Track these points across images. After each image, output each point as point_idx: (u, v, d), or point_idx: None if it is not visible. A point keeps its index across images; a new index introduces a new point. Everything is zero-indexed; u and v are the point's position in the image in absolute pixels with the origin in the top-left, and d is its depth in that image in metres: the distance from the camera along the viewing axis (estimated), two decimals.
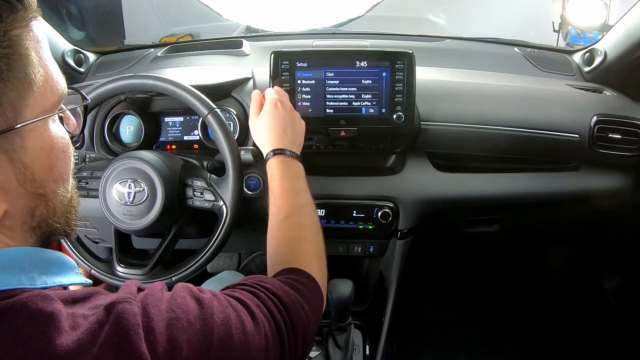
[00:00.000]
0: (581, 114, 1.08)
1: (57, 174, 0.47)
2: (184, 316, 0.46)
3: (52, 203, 0.47)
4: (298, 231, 0.73)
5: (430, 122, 1.05)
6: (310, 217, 0.76)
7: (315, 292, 0.65)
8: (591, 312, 1.56)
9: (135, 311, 0.43)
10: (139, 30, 2.52)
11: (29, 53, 0.42)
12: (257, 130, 0.87)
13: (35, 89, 0.42)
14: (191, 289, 0.52)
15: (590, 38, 1.90)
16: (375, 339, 1.16)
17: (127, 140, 1.10)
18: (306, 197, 0.79)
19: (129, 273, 0.90)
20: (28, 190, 0.44)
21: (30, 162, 0.43)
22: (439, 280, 1.72)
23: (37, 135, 0.44)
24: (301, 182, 0.80)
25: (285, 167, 0.80)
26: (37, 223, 0.46)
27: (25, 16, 0.41)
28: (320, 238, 0.75)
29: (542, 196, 1.11)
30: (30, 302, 0.40)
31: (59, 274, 0.46)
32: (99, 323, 0.41)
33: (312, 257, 0.70)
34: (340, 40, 1.39)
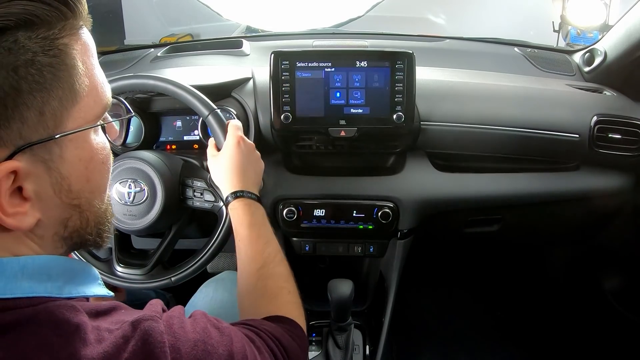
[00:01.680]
0: (581, 114, 1.08)
1: (93, 185, 0.46)
2: (208, 340, 0.47)
3: (86, 214, 0.47)
4: (276, 281, 0.72)
5: (430, 122, 1.05)
6: (283, 265, 0.75)
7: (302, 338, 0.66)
8: (591, 312, 1.56)
9: (161, 329, 0.44)
10: (139, 30, 2.53)
11: (76, 63, 0.41)
12: (217, 170, 0.84)
13: (79, 99, 0.42)
14: (209, 317, 0.53)
15: (590, 38, 1.90)
16: (375, 339, 1.16)
17: (127, 140, 1.09)
18: (275, 244, 0.77)
19: (129, 273, 0.90)
20: (63, 201, 0.43)
21: (67, 173, 0.43)
22: (439, 280, 1.72)
23: (77, 146, 0.43)
24: (268, 228, 0.79)
25: (250, 211, 0.78)
26: (69, 234, 0.46)
27: (75, 24, 0.41)
28: (295, 287, 0.74)
29: (542, 196, 1.11)
30: (57, 311, 0.40)
31: (83, 284, 0.46)
32: (124, 338, 0.41)
33: (294, 307, 0.70)
34: (340, 40, 1.39)
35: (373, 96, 0.98)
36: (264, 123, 1.04)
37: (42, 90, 0.39)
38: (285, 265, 0.76)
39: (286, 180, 1.07)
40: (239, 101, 1.07)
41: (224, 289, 1.03)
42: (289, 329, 0.64)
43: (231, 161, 0.82)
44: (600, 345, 1.48)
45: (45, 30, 0.38)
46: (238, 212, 0.78)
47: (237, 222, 0.78)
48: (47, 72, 0.39)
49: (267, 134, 1.05)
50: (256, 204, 0.80)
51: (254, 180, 0.84)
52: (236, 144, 0.84)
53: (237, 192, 0.80)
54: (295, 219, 1.06)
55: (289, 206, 1.05)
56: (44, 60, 0.38)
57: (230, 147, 0.84)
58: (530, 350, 1.51)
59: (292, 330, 0.64)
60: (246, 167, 0.83)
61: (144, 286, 0.90)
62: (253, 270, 0.73)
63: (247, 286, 0.73)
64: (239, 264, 0.75)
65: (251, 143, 0.87)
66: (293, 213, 1.05)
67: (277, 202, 1.07)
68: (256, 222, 0.78)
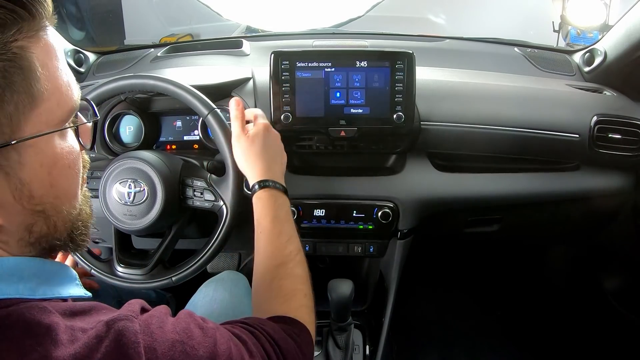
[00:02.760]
0: (581, 114, 1.08)
1: (59, 191, 0.44)
2: (187, 340, 0.46)
3: (53, 220, 0.45)
4: (293, 282, 0.70)
5: (430, 122, 1.05)
6: (302, 266, 0.73)
7: (308, 343, 0.64)
8: (591, 312, 1.56)
9: (136, 329, 0.43)
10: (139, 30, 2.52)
11: (33, 66, 0.39)
12: (244, 154, 0.80)
13: (39, 103, 0.40)
14: (195, 317, 0.51)
15: (590, 38, 1.90)
16: (375, 339, 1.16)
17: (127, 140, 1.10)
18: (297, 242, 0.74)
19: (129, 273, 0.90)
20: (25, 207, 0.42)
21: (28, 179, 0.41)
22: (439, 280, 1.72)
23: (37, 151, 0.41)
24: (291, 224, 0.76)
25: (277, 204, 0.75)
26: (36, 239, 0.45)
27: (33, 26, 0.39)
28: (311, 290, 0.72)
29: (542, 196, 1.11)
30: (28, 312, 0.39)
31: (59, 285, 0.45)
32: (97, 338, 0.40)
33: (307, 311, 0.68)
34: (340, 40, 1.39)
35: (373, 96, 0.98)
36: None
37: None
38: (304, 267, 0.73)
39: (286, 180, 1.07)
40: None
41: (224, 289, 1.03)
42: (296, 332, 0.62)
43: (260, 147, 0.78)
44: (600, 345, 1.48)
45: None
46: (263, 203, 0.75)
47: (260, 213, 0.75)
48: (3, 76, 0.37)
49: None
50: (283, 196, 0.77)
51: (281, 171, 0.81)
52: (265, 129, 0.81)
53: (265, 181, 0.76)
54: (295, 219, 1.05)
55: None
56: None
57: (260, 131, 0.80)
58: (530, 350, 1.51)
59: (299, 335, 0.62)
60: (274, 155, 0.80)
61: (144, 286, 0.90)
62: (271, 267, 0.70)
63: (262, 282, 0.70)
64: (257, 258, 0.73)
65: (277, 132, 0.84)
66: (293, 213, 1.05)
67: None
68: (281, 216, 0.75)
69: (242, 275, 1.13)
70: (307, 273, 0.73)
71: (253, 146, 0.79)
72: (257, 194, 0.76)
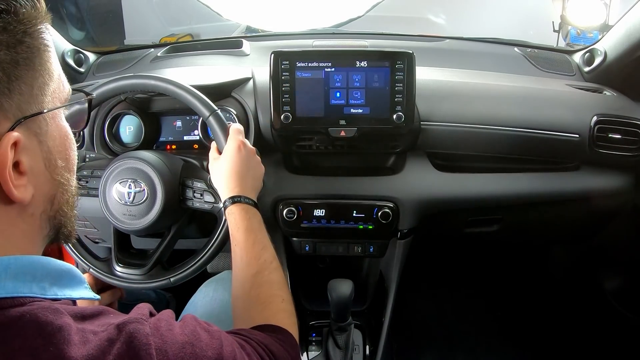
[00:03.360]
0: (581, 114, 1.08)
1: (70, 164, 0.49)
2: (196, 343, 0.47)
3: (67, 193, 0.49)
4: (270, 289, 0.72)
5: (430, 122, 1.05)
6: (278, 272, 0.75)
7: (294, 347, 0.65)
8: (591, 312, 1.56)
9: (147, 332, 0.44)
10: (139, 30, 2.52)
11: (50, 46, 0.45)
12: (217, 174, 0.85)
13: (54, 80, 0.46)
14: (199, 321, 0.53)
15: (590, 38, 1.90)
16: (375, 339, 1.16)
17: (127, 140, 1.10)
18: (271, 250, 0.77)
19: (128, 273, 0.90)
20: (51, 176, 0.46)
21: (53, 148, 0.46)
22: (439, 280, 1.72)
23: (57, 123, 0.47)
24: (264, 234, 0.79)
25: (248, 216, 0.78)
26: (54, 212, 0.48)
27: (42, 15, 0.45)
28: (289, 295, 0.74)
29: (542, 196, 1.11)
30: (40, 313, 0.40)
31: (69, 287, 0.46)
32: (109, 340, 0.41)
33: (286, 315, 0.70)
34: (340, 40, 1.39)
35: (373, 96, 0.98)
36: (264, 123, 1.04)
37: (31, 67, 0.43)
38: (280, 273, 0.76)
39: (286, 180, 1.07)
40: (239, 101, 1.07)
41: (224, 289, 1.03)
42: (280, 337, 0.64)
43: (231, 166, 0.83)
44: (600, 345, 1.48)
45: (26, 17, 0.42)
46: (235, 217, 0.79)
47: (233, 226, 0.78)
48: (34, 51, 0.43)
49: (267, 134, 1.05)
50: (253, 209, 0.80)
51: (253, 186, 0.84)
52: (237, 148, 0.84)
53: (234, 197, 0.80)
54: (295, 219, 1.06)
55: (289, 206, 1.05)
56: (30, 41, 0.42)
57: (230, 152, 0.84)
58: (531, 350, 1.51)
59: (284, 339, 0.64)
60: (245, 172, 0.83)
61: (143, 286, 0.90)
62: (248, 276, 0.73)
63: (241, 292, 0.73)
64: (234, 269, 0.75)
65: (252, 148, 0.88)
66: (293, 213, 1.05)
67: (277, 202, 1.07)
68: (253, 227, 0.78)
69: None
70: (283, 279, 0.75)
71: (224, 165, 0.84)
72: (228, 209, 0.80)
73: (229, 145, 0.85)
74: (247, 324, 0.66)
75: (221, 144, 0.87)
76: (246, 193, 0.81)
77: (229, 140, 0.85)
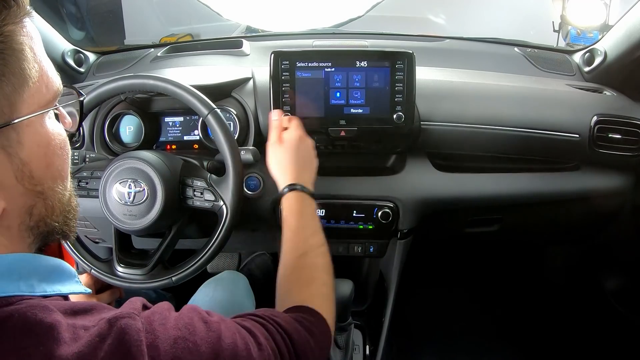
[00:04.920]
0: (581, 114, 1.08)
1: (54, 171, 0.46)
2: (190, 337, 0.46)
3: (51, 201, 0.46)
4: (313, 271, 0.73)
5: (430, 122, 1.05)
6: (324, 257, 0.76)
7: (324, 333, 0.65)
8: (591, 312, 1.56)
9: (138, 327, 0.43)
10: (139, 30, 2.52)
11: (23, 48, 0.41)
12: (277, 161, 0.87)
13: (31, 84, 0.42)
14: (199, 311, 0.51)
15: (590, 38, 1.90)
16: (375, 339, 1.16)
17: (127, 140, 1.10)
18: (321, 236, 0.79)
19: (129, 273, 0.90)
20: (26, 188, 0.43)
21: (27, 159, 0.43)
22: (439, 280, 1.72)
23: (33, 131, 0.43)
24: (317, 221, 0.80)
25: (304, 204, 0.80)
26: (35, 222, 0.45)
27: (18, 13, 0.41)
28: (332, 280, 0.75)
29: (542, 196, 1.11)
30: (29, 312, 0.39)
31: (58, 282, 0.46)
32: (100, 336, 0.41)
33: (324, 299, 0.70)
34: (340, 40, 1.39)
35: (373, 96, 0.98)
36: (264, 123, 1.04)
37: None
38: (326, 258, 0.76)
39: None
40: (239, 101, 1.07)
41: (224, 289, 1.03)
42: (311, 321, 0.63)
43: (292, 155, 0.85)
44: (600, 345, 1.48)
45: None
46: (290, 202, 0.80)
47: (287, 211, 0.80)
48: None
49: (267, 134, 1.05)
50: (310, 198, 0.82)
51: (310, 177, 0.86)
52: (299, 138, 0.87)
53: (293, 184, 0.82)
54: None
55: None
56: None
57: (294, 140, 0.86)
58: (530, 350, 1.51)
59: (314, 324, 0.63)
60: (304, 163, 0.86)
61: (144, 286, 0.90)
62: (294, 258, 0.74)
63: (285, 273, 0.74)
64: (282, 253, 0.76)
65: (312, 141, 0.90)
66: None
67: (277, 202, 1.07)
68: (305, 213, 0.80)
69: (242, 275, 1.13)
70: (329, 264, 0.76)
71: (286, 153, 0.85)
72: (285, 196, 0.82)
73: (293, 134, 0.87)
74: (285, 305, 0.67)
75: (221, 143, 0.87)
76: (305, 183, 0.83)
77: (292, 129, 0.88)
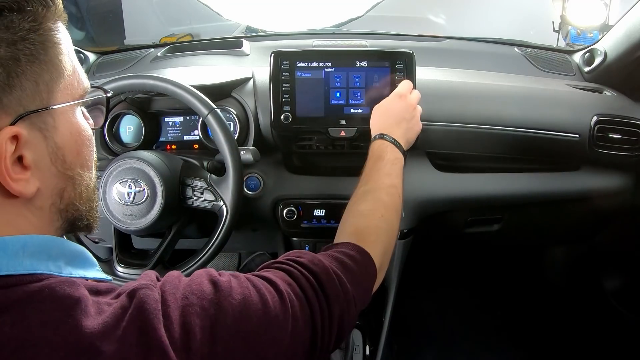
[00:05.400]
0: (581, 114, 1.08)
1: (83, 159, 0.49)
2: (197, 302, 0.47)
3: (79, 187, 0.49)
4: (374, 205, 0.73)
5: (430, 122, 1.05)
6: (392, 197, 0.75)
7: (366, 269, 0.64)
8: (591, 312, 1.56)
9: (156, 297, 0.45)
10: (139, 30, 2.52)
11: (61, 43, 0.46)
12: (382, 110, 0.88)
13: (66, 76, 0.46)
14: (211, 273, 0.52)
15: (590, 38, 1.90)
16: (375, 339, 1.16)
17: (127, 140, 1.10)
18: (397, 181, 0.78)
19: (129, 273, 0.90)
20: (59, 170, 0.46)
21: (61, 143, 0.46)
22: (440, 281, 1.72)
23: (67, 119, 0.47)
24: (396, 168, 0.79)
25: (388, 151, 0.80)
26: (65, 205, 0.48)
27: (55, 13, 0.46)
28: (395, 219, 0.74)
29: (542, 196, 1.11)
30: (58, 287, 0.41)
31: (82, 267, 0.48)
32: (122, 308, 0.43)
33: (377, 234, 0.69)
34: (340, 40, 1.39)
35: (373, 96, 0.98)
36: (264, 123, 1.04)
37: (36, 63, 0.43)
38: (393, 198, 0.75)
39: (286, 180, 1.07)
40: (239, 101, 1.07)
41: None
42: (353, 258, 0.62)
43: (400, 111, 0.86)
44: (600, 345, 1.48)
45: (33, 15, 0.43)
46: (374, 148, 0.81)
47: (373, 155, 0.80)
48: (39, 48, 0.43)
49: (267, 134, 1.05)
50: (396, 150, 0.81)
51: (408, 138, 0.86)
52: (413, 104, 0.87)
53: (383, 134, 0.82)
54: (295, 219, 1.06)
55: (289, 206, 1.05)
56: (35, 37, 0.43)
57: (407, 102, 0.87)
58: (530, 350, 1.52)
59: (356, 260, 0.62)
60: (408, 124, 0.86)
61: None
62: (360, 192, 0.75)
63: (347, 207, 0.74)
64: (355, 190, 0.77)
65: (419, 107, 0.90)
66: (293, 213, 1.05)
67: (277, 202, 1.07)
68: (387, 158, 0.79)
69: None
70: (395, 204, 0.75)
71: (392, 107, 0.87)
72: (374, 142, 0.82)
73: (410, 98, 0.88)
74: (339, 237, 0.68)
75: (221, 143, 0.87)
76: (399, 139, 0.82)
77: (402, 83, 0.90)
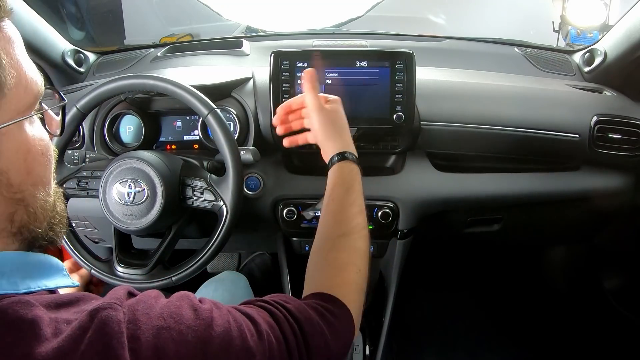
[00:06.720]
0: (581, 114, 1.08)
1: (35, 177, 0.45)
2: (175, 326, 0.44)
3: (32, 208, 0.45)
4: (351, 256, 0.68)
5: (430, 122, 1.05)
6: (364, 241, 0.71)
7: (346, 326, 0.60)
8: (591, 312, 1.56)
9: (119, 318, 0.41)
10: (139, 30, 2.52)
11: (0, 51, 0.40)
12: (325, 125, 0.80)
13: (7, 91, 0.41)
14: (191, 298, 0.49)
15: (590, 38, 1.90)
16: (375, 339, 1.16)
17: (127, 140, 1.10)
18: (365, 217, 0.74)
19: (129, 273, 0.90)
20: (5, 196, 0.42)
21: (5, 167, 0.41)
22: (439, 281, 1.72)
23: (12, 138, 0.42)
24: (362, 199, 0.76)
25: (352, 176, 0.76)
26: (18, 229, 0.44)
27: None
28: (367, 268, 0.70)
29: (542, 196, 1.11)
30: (10, 309, 0.39)
31: (44, 277, 0.45)
32: (81, 329, 0.40)
33: (354, 289, 0.65)
34: (340, 40, 1.39)
35: (373, 96, 0.98)
36: (264, 123, 1.04)
37: None
38: (366, 242, 0.71)
39: (286, 180, 1.07)
40: (239, 101, 1.07)
41: (224, 289, 1.03)
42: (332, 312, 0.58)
43: (338, 120, 0.80)
44: (600, 345, 1.48)
45: None
46: (343, 172, 0.76)
47: (336, 181, 0.75)
48: None
49: (267, 134, 1.05)
50: (357, 169, 0.78)
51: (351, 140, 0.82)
52: (340, 104, 0.82)
53: (344, 153, 0.77)
54: (295, 219, 1.06)
55: (289, 206, 1.05)
56: None
57: (338, 104, 0.82)
58: (530, 350, 1.51)
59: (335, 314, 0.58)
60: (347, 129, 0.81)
61: (144, 286, 0.90)
62: (333, 236, 0.69)
63: (320, 251, 0.69)
64: (321, 226, 0.72)
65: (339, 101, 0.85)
66: (293, 213, 1.05)
67: (277, 202, 1.07)
68: (355, 188, 0.75)
69: (242, 275, 1.13)
70: (367, 250, 0.71)
71: (335, 119, 0.80)
72: (335, 165, 0.77)
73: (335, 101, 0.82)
74: (310, 288, 0.63)
75: (221, 143, 0.87)
76: (350, 149, 0.79)
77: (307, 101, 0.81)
